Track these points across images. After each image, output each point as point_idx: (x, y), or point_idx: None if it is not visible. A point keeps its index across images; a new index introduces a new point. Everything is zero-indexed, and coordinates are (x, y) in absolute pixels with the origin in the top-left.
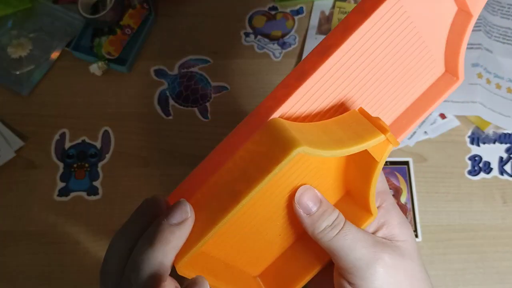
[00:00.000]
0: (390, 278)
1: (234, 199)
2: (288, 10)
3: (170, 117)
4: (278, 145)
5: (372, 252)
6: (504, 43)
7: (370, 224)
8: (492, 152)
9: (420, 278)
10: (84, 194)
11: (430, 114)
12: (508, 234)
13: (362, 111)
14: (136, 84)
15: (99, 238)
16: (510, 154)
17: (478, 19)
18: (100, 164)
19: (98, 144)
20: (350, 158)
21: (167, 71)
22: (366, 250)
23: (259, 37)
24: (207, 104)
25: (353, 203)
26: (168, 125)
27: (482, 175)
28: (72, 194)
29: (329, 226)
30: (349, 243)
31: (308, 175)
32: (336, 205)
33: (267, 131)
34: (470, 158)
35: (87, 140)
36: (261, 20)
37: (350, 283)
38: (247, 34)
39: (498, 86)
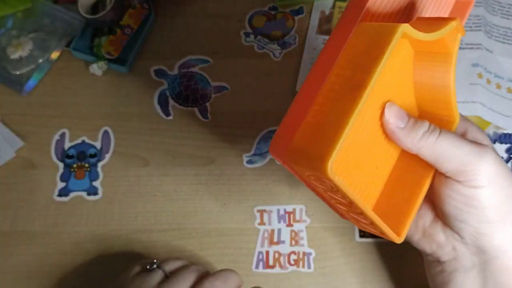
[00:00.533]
0: (496, 169)
1: (358, 90)
2: (288, 10)
3: (170, 117)
4: (382, 31)
5: (477, 146)
6: (504, 43)
7: (456, 131)
8: None
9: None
10: (84, 194)
11: None
12: None
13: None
14: (136, 84)
15: (99, 238)
16: (510, 154)
17: (478, 19)
18: (100, 164)
19: (98, 144)
20: (423, 63)
21: (167, 71)
22: (471, 145)
23: (259, 37)
24: (207, 104)
25: (432, 117)
26: (168, 125)
27: None
28: (72, 194)
29: (426, 131)
30: (453, 142)
31: (392, 93)
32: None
33: (364, 31)
34: None
35: (87, 140)
36: (261, 20)
37: (458, 181)
38: (247, 34)
39: (498, 86)
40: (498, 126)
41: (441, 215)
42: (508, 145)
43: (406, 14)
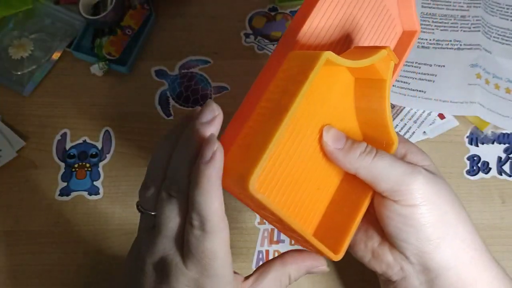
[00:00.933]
0: (431, 187)
1: (282, 111)
2: (288, 11)
3: (171, 118)
4: (308, 59)
5: (411, 166)
6: (503, 43)
7: (395, 155)
8: (490, 152)
9: (453, 193)
10: (85, 194)
11: (429, 115)
12: (506, 234)
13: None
14: (137, 84)
15: (100, 238)
16: (509, 154)
17: (476, 20)
18: (101, 164)
19: (99, 144)
20: (361, 89)
21: (167, 71)
22: (405, 166)
23: (259, 38)
24: None
25: (373, 141)
26: (169, 126)
27: (480, 175)
28: (73, 194)
29: (363, 152)
30: (388, 162)
31: (336, 118)
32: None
33: (293, 58)
34: (468, 158)
35: (88, 140)
36: (261, 21)
37: (395, 201)
38: (247, 35)
39: (497, 87)
40: (497, 126)
41: (386, 236)
42: (507, 145)
43: (347, 45)
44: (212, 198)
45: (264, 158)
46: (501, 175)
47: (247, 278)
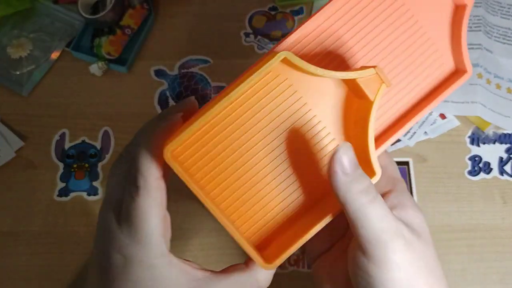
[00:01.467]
0: (408, 254)
1: (221, 97)
2: (288, 11)
3: None
4: (269, 56)
5: (395, 226)
6: (504, 43)
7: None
8: (492, 153)
9: (433, 261)
10: (84, 194)
11: (430, 114)
12: (508, 234)
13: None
14: (136, 84)
15: None
16: (510, 154)
17: (478, 19)
18: (100, 165)
19: (98, 144)
20: (349, 108)
21: (167, 71)
22: (391, 223)
23: (259, 37)
24: None
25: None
26: None
27: (482, 175)
28: (72, 194)
29: (362, 190)
30: (378, 213)
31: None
32: None
33: (263, 59)
34: (470, 158)
35: (87, 141)
36: (261, 20)
37: (366, 254)
38: (247, 34)
39: (498, 87)
40: (498, 126)
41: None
42: (508, 145)
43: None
44: (148, 154)
45: (187, 131)
46: (503, 175)
47: (206, 270)
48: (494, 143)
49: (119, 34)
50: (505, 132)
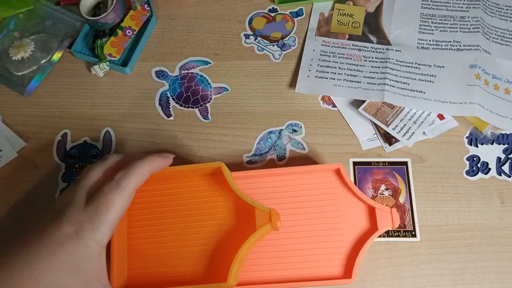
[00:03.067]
0: None
1: None
2: (287, 12)
3: (171, 118)
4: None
5: None
6: (502, 44)
7: None
8: (490, 153)
9: None
10: None
11: (428, 115)
12: (506, 234)
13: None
14: (137, 85)
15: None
16: (508, 154)
17: (476, 20)
18: None
19: (99, 144)
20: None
21: (167, 72)
22: None
23: (259, 38)
24: (208, 105)
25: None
26: (169, 126)
27: (480, 175)
28: None
29: None
30: None
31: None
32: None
33: None
34: (468, 159)
35: (89, 141)
36: (261, 22)
37: None
38: (247, 36)
39: (496, 87)
40: (496, 126)
41: None
42: (506, 145)
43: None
44: (143, 168)
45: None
46: (501, 175)
47: None
48: (492, 143)
49: (120, 35)
50: (503, 132)
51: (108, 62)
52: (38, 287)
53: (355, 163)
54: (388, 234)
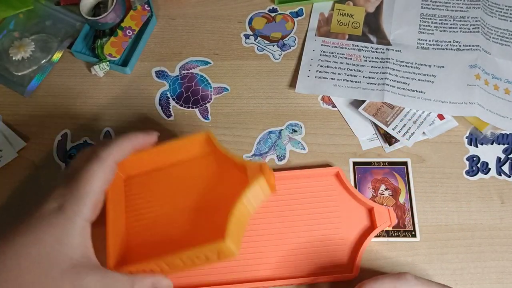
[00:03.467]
0: None
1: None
2: (287, 12)
3: (171, 118)
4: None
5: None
6: (502, 44)
7: None
8: (490, 153)
9: None
10: None
11: (428, 115)
12: (505, 234)
13: None
14: (137, 85)
15: (100, 238)
16: (508, 154)
17: (476, 20)
18: None
19: None
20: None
21: (168, 72)
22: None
23: (259, 38)
24: (208, 105)
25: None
26: (169, 126)
27: (480, 175)
28: None
29: None
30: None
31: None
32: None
33: None
34: (468, 159)
35: (89, 141)
36: (261, 22)
37: None
38: (247, 36)
39: (496, 87)
40: (496, 126)
41: None
42: (506, 145)
43: None
44: (123, 142)
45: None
46: (500, 175)
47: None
48: (492, 143)
49: (120, 35)
50: (503, 132)
51: (108, 62)
52: (24, 261)
53: (355, 163)
54: (388, 234)
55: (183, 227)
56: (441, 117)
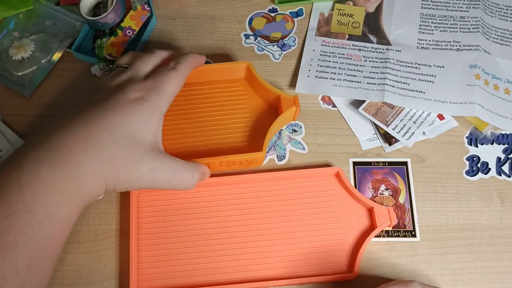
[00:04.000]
0: None
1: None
2: (287, 12)
3: None
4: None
5: None
6: (502, 44)
7: None
8: (490, 153)
9: None
10: None
11: (428, 115)
12: (505, 234)
13: None
14: None
15: (100, 238)
16: (508, 154)
17: (476, 20)
18: None
19: None
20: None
21: None
22: None
23: (259, 38)
24: None
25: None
26: None
27: (480, 175)
28: None
29: None
30: None
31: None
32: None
33: None
34: (468, 159)
35: None
36: (261, 22)
37: None
38: (247, 36)
39: (496, 87)
40: (496, 126)
41: None
42: (506, 145)
43: None
44: (191, 59)
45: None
46: (500, 175)
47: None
48: (492, 143)
49: (120, 35)
50: (503, 132)
51: (108, 62)
52: (112, 136)
53: (355, 163)
54: (388, 234)
55: (209, 134)
56: (441, 117)
